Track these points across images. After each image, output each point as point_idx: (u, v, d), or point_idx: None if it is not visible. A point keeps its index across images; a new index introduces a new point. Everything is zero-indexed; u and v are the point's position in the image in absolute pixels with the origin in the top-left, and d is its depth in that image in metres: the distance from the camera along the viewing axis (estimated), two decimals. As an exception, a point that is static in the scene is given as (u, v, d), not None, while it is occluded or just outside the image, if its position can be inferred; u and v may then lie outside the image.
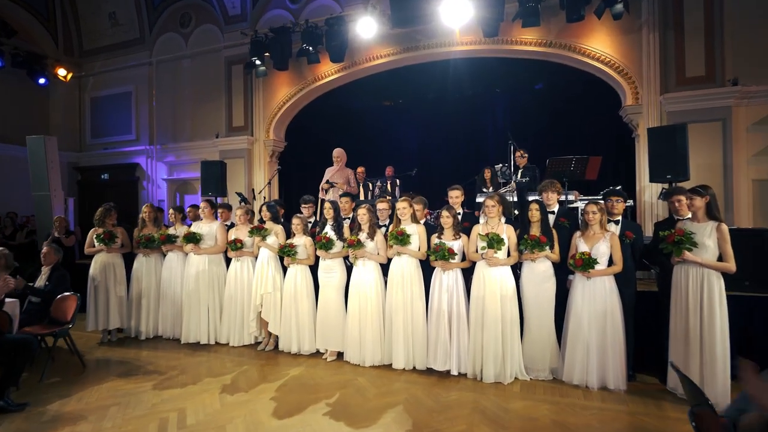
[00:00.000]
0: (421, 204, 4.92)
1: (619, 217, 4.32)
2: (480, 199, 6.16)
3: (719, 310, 3.47)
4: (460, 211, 4.89)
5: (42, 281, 5.01)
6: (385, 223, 5.03)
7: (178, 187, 10.29)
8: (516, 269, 4.41)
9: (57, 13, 10.85)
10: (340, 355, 4.83)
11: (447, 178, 6.69)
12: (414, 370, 4.46)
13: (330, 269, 4.85)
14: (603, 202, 4.28)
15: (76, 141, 11.34)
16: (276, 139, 9.39)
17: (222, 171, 7.57)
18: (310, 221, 5.51)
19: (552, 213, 4.58)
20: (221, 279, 5.51)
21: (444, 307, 4.32)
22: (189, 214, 6.24)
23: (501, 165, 6.65)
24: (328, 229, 4.90)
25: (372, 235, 4.67)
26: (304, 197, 5.56)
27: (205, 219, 5.62)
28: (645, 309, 4.33)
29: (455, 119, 9.53)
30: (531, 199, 4.56)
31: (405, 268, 4.50)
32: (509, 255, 4.25)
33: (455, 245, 4.34)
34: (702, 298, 3.52)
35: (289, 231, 5.17)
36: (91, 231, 5.64)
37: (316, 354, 4.97)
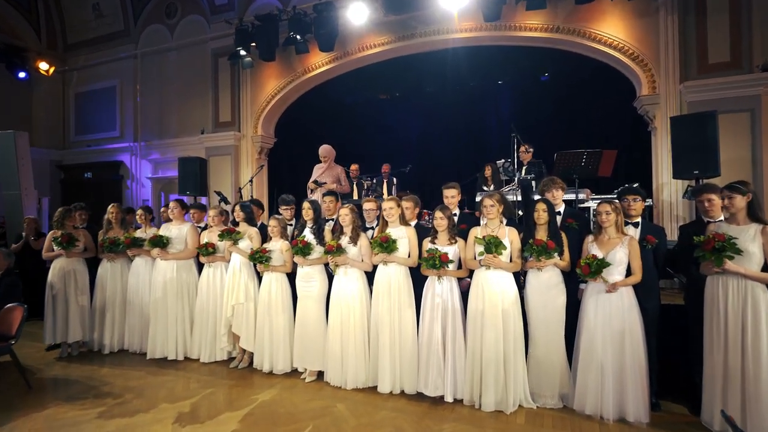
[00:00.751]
0: (412, 202, 4.34)
1: (639, 219, 3.72)
2: (480, 199, 5.56)
3: (767, 331, 2.86)
4: (456, 212, 4.31)
5: (-11, 290, 4.49)
6: (372, 226, 4.46)
7: (163, 186, 9.77)
8: (519, 278, 3.84)
9: (39, 5, 10.37)
10: (320, 375, 4.26)
11: (447, 176, 6.08)
12: (402, 394, 3.88)
13: (309, 277, 4.29)
14: (618, 201, 3.69)
15: (59, 138, 10.85)
16: (264, 135, 8.84)
17: (201, 168, 7.01)
18: (291, 223, 4.95)
19: (558, 214, 3.99)
20: (191, 287, 4.96)
21: (437, 323, 3.74)
22: (163, 214, 5.70)
23: (503, 160, 6.06)
24: (306, 233, 4.34)
25: (355, 239, 4.11)
26: (283, 196, 4.98)
27: (175, 220, 5.07)
28: (669, 324, 3.74)
29: (455, 113, 8.94)
30: (537, 198, 3.96)
31: (392, 276, 3.93)
32: (511, 262, 3.67)
33: (450, 251, 3.77)
34: (745, 316, 2.91)
35: (267, 234, 4.61)
36: (50, 233, 5.12)
37: (293, 373, 4.40)
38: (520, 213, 5.17)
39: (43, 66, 10.04)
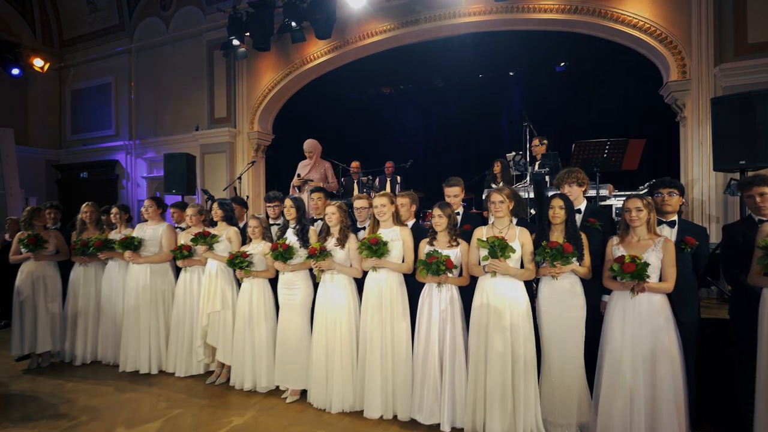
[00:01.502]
0: (409, 198, 3.83)
1: (675, 217, 3.14)
2: (486, 195, 5.00)
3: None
4: (459, 211, 3.77)
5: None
6: (364, 226, 3.95)
7: (158, 186, 9.40)
8: (532, 286, 3.29)
9: (33, 0, 10.09)
10: (304, 394, 3.76)
11: (455, 174, 5.58)
12: (395, 419, 3.36)
13: (291, 284, 3.80)
14: (650, 197, 3.12)
15: (56, 137, 10.57)
16: (261, 131, 8.39)
17: (189, 165, 6.55)
18: (278, 223, 4.46)
19: (578, 212, 3.42)
20: (167, 294, 4.51)
21: (434, 338, 3.23)
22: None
23: (514, 153, 5.50)
24: (289, 234, 3.85)
25: (343, 241, 3.60)
26: (269, 193, 4.50)
27: (150, 220, 4.64)
28: (708, 341, 3.17)
29: (464, 106, 8.43)
30: (552, 194, 3.40)
31: (384, 284, 3.42)
32: (522, 267, 3.13)
33: (452, 254, 3.24)
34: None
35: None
36: (18, 235, 4.72)
37: (275, 391, 3.91)
38: (532, 211, 4.62)
39: (38, 62, 9.77)
